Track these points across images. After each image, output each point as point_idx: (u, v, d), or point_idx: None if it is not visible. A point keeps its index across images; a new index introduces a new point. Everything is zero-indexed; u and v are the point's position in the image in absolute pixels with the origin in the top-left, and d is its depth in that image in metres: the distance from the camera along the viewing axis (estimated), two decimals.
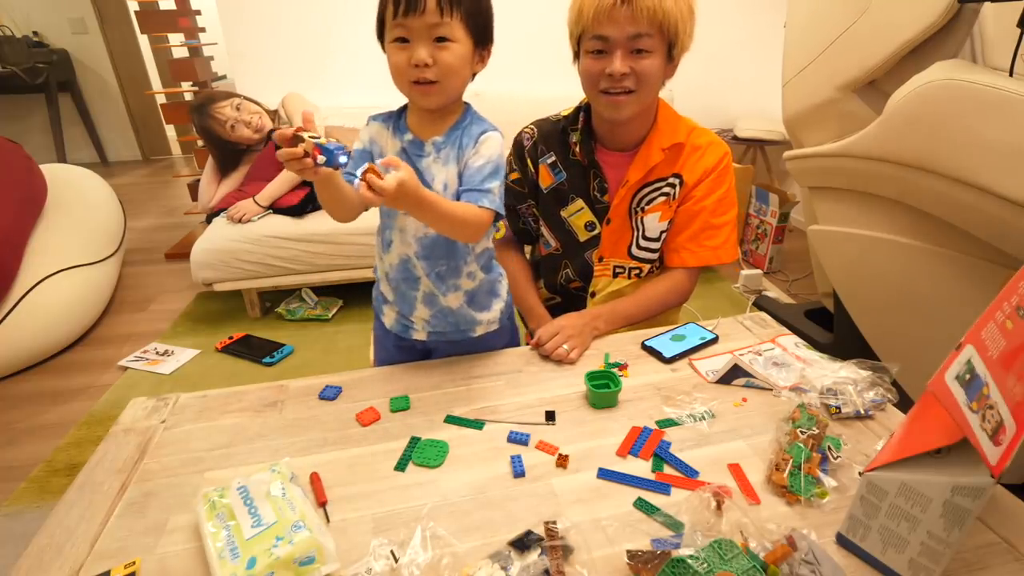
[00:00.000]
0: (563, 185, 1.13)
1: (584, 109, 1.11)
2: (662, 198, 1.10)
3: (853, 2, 1.37)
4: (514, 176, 1.18)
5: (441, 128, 0.84)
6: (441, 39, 0.76)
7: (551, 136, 1.13)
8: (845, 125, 1.43)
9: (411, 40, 0.76)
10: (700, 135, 1.09)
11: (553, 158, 1.13)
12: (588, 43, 0.97)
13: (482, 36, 0.81)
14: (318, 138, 0.67)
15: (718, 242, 1.11)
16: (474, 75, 0.85)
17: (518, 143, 1.17)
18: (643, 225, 1.11)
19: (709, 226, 1.10)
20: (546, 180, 1.14)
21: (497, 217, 0.83)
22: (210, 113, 2.39)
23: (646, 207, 1.10)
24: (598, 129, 1.10)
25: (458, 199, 0.83)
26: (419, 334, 0.97)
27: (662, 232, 1.12)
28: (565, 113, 1.14)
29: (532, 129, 1.15)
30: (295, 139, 0.67)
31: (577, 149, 1.10)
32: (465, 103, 0.88)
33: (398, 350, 1.02)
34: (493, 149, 0.83)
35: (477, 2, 0.78)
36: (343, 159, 0.68)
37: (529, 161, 1.15)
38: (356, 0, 2.92)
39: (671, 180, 1.09)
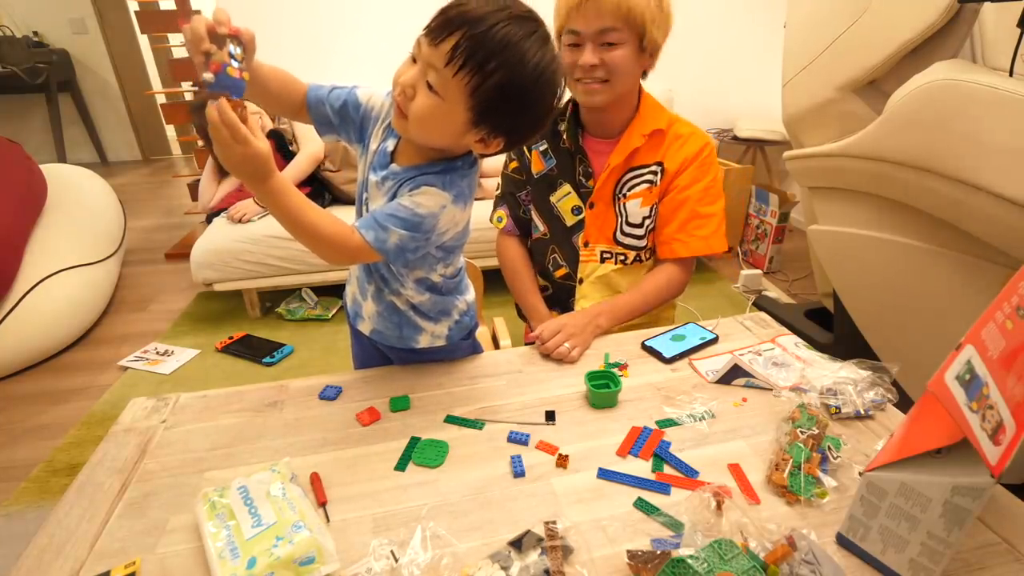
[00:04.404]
0: (553, 171, 1.19)
1: (572, 100, 1.16)
2: (644, 185, 1.13)
3: (853, 2, 1.37)
4: (513, 165, 1.24)
5: (410, 160, 0.78)
6: (429, 85, 0.68)
7: None
8: (845, 125, 1.43)
9: (417, 62, 0.69)
10: (682, 125, 1.15)
11: (545, 146, 1.19)
12: (564, 37, 1.03)
13: (488, 122, 0.71)
14: (232, 65, 0.59)
15: (707, 232, 1.14)
16: (479, 153, 0.77)
17: None
18: (626, 211, 1.15)
19: (697, 215, 1.13)
20: (538, 166, 1.20)
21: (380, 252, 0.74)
22: None
23: (628, 193, 1.14)
24: (584, 118, 1.16)
25: None
26: (364, 325, 0.95)
27: (644, 218, 1.15)
28: None
29: None
30: (218, 38, 0.60)
31: (565, 136, 1.15)
32: (460, 158, 0.78)
33: (354, 333, 1.02)
34: (424, 203, 0.73)
35: (505, 97, 0.68)
36: (234, 96, 0.61)
37: (525, 148, 1.20)
38: (357, 1, 2.93)
39: (653, 168, 1.13)
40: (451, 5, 0.67)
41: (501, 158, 1.24)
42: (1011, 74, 1.06)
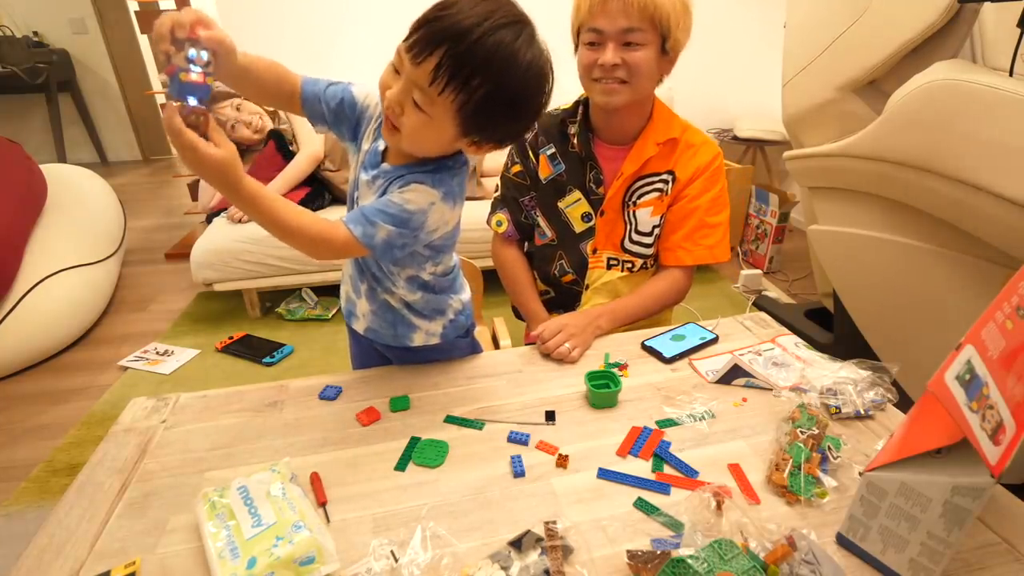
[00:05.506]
0: (561, 176, 1.16)
1: (583, 103, 1.14)
2: (655, 193, 1.13)
3: (853, 2, 1.37)
4: (516, 169, 1.21)
5: (401, 159, 0.77)
6: (416, 102, 0.67)
7: (551, 129, 1.16)
8: (845, 125, 1.43)
9: (400, 75, 0.68)
10: (694, 134, 1.13)
11: (553, 150, 1.16)
12: (584, 35, 1.01)
13: (478, 131, 0.71)
14: (191, 69, 0.58)
15: (713, 241, 1.14)
16: (472, 154, 0.77)
17: None
18: (635, 219, 1.14)
19: (704, 225, 1.13)
20: (545, 171, 1.18)
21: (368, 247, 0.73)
22: None
23: (638, 201, 1.13)
24: (595, 122, 1.13)
25: None
26: (359, 324, 0.95)
27: (654, 227, 1.15)
28: (565, 107, 1.16)
29: None
30: (177, 42, 0.58)
31: (575, 141, 1.13)
32: (451, 157, 0.77)
33: (351, 333, 1.01)
34: (413, 199, 0.73)
35: (493, 108, 0.67)
36: (191, 101, 0.59)
37: (531, 152, 1.18)
38: (357, 1, 2.93)
39: (664, 176, 1.12)
40: (432, 16, 0.64)
41: (502, 158, 1.24)
42: (1011, 74, 1.06)
